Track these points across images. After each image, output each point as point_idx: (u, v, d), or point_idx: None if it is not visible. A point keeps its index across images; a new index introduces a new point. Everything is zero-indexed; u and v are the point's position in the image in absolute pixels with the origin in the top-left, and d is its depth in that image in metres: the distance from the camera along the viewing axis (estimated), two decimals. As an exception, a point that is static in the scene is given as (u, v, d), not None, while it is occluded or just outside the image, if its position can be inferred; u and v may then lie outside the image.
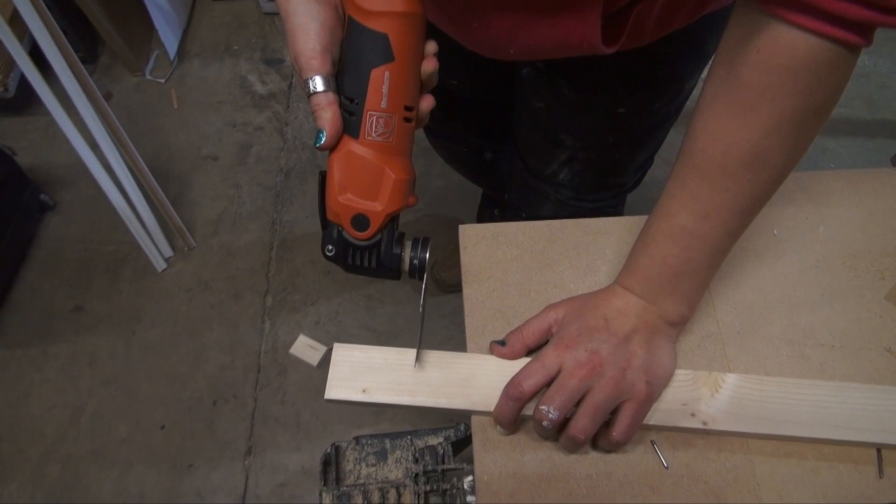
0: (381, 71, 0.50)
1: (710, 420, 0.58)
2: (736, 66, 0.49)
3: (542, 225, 0.73)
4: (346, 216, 0.54)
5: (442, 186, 1.90)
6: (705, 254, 0.57)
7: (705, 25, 0.68)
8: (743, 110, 0.50)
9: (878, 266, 0.68)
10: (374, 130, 0.51)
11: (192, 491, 1.50)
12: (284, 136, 2.06)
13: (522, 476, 0.58)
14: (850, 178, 0.74)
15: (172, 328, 1.72)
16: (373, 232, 0.54)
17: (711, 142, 0.52)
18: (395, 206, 0.54)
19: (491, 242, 0.72)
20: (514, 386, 0.57)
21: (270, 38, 2.29)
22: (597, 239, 0.71)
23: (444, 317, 1.67)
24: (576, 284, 0.68)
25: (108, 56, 2.23)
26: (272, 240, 1.86)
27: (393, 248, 0.56)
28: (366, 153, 0.52)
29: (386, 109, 0.51)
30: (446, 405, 0.60)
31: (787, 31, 0.45)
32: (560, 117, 0.83)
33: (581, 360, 0.56)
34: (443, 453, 0.67)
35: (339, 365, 0.62)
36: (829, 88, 0.47)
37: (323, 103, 0.50)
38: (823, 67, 0.46)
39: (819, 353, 0.63)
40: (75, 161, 1.52)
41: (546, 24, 0.59)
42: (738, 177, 0.52)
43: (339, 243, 0.56)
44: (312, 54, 0.49)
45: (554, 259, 0.70)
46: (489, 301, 0.68)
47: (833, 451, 0.58)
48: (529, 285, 0.69)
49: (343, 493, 0.64)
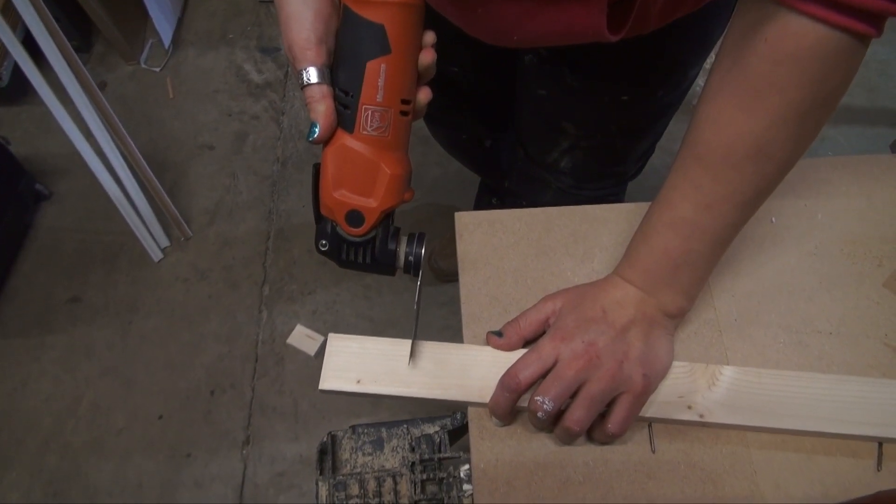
0: (378, 63, 0.48)
1: (706, 413, 0.58)
2: (743, 56, 0.48)
3: (538, 212, 0.72)
4: (340, 212, 0.53)
5: (439, 175, 1.89)
6: (706, 245, 0.56)
7: (710, 12, 0.67)
8: (749, 100, 0.49)
9: (876, 253, 0.67)
10: (370, 124, 0.50)
11: (190, 480, 1.50)
12: (281, 126, 2.05)
13: (519, 463, 0.58)
14: (848, 164, 0.74)
15: (169, 318, 1.72)
16: (367, 228, 0.53)
17: (716, 132, 0.52)
18: (391, 203, 0.53)
19: (487, 230, 0.71)
20: (511, 377, 0.56)
21: (266, 26, 2.28)
22: (594, 226, 0.71)
23: (443, 305, 1.67)
24: (573, 272, 0.68)
25: (102, 45, 2.21)
26: (269, 229, 1.85)
27: (388, 245, 0.55)
28: (361, 148, 0.51)
29: (382, 103, 0.49)
30: (441, 396, 0.60)
31: (796, 20, 0.44)
32: (562, 105, 0.83)
33: (578, 352, 0.55)
34: (439, 442, 0.67)
35: (334, 355, 0.62)
36: (836, 79, 0.47)
37: (317, 96, 0.49)
38: (832, 58, 0.45)
39: (817, 340, 0.63)
40: (70, 151, 1.52)
41: (551, 12, 0.58)
42: (742, 168, 0.51)
43: (333, 238, 0.55)
44: (307, 45, 0.48)
45: (551, 246, 0.70)
46: (485, 288, 0.68)
47: (832, 441, 0.58)
48: (526, 273, 0.68)
49: (339, 482, 0.64)
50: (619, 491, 0.57)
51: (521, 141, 0.96)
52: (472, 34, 0.68)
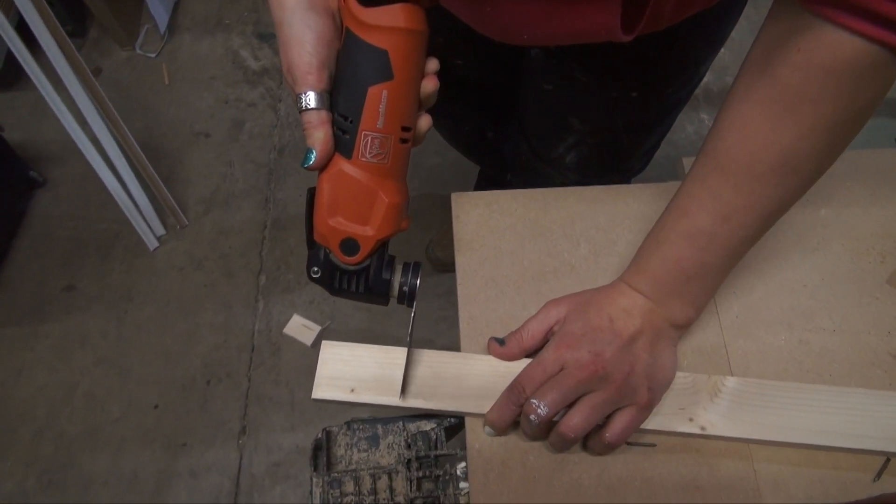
0: (379, 89, 0.47)
1: (708, 425, 0.57)
2: (773, 65, 0.47)
3: (535, 193, 0.72)
4: (334, 239, 0.51)
5: (437, 164, 1.88)
6: (720, 257, 0.55)
7: (722, 8, 0.66)
8: (778, 110, 0.47)
9: (879, 249, 0.67)
10: (369, 151, 0.48)
11: (185, 470, 1.50)
12: (278, 113, 2.03)
13: (514, 443, 0.58)
14: (852, 159, 0.73)
15: (165, 307, 1.71)
16: (362, 257, 0.52)
17: (739, 141, 0.50)
18: (387, 232, 0.51)
19: (484, 211, 0.71)
20: (517, 390, 0.56)
21: (263, 11, 2.25)
22: (591, 207, 0.71)
23: (440, 297, 1.66)
24: (569, 253, 0.68)
25: (96, 30, 2.19)
26: (265, 218, 1.84)
27: (382, 274, 0.53)
28: (358, 175, 0.49)
29: (382, 130, 0.48)
30: (437, 407, 0.59)
31: (832, 32, 0.42)
32: (569, 100, 0.81)
33: (583, 362, 0.54)
34: (435, 439, 0.66)
35: (327, 363, 0.61)
36: (869, 94, 0.45)
37: (315, 121, 0.47)
38: (867, 72, 0.43)
39: (819, 337, 0.62)
40: (65, 137, 1.50)
41: (564, 12, 0.56)
42: (765, 180, 0.50)
43: (326, 266, 0.53)
44: (308, 69, 0.46)
45: (547, 227, 0.70)
46: (482, 269, 0.67)
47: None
48: (523, 253, 0.68)
49: (334, 479, 0.63)
50: (614, 471, 0.57)
51: (525, 135, 0.94)
52: (481, 31, 0.66)
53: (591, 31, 0.57)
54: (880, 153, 0.73)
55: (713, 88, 1.99)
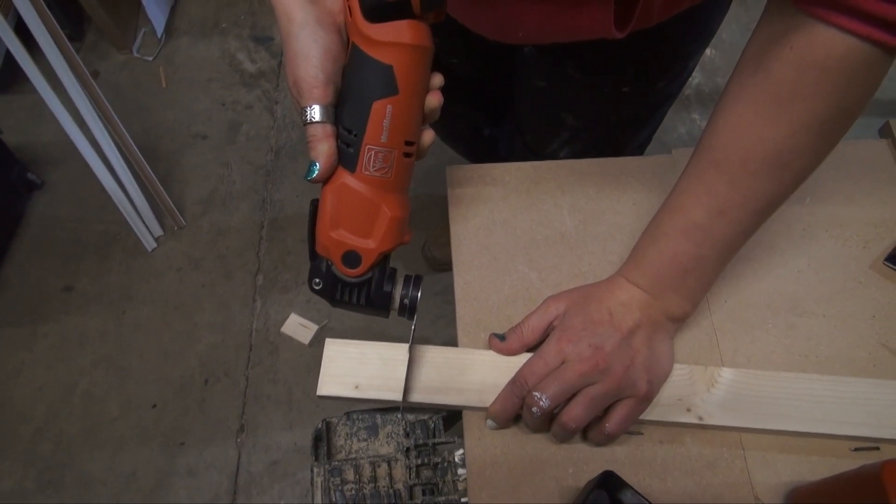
0: (384, 104, 0.47)
1: (705, 415, 0.58)
2: (767, 62, 0.48)
3: (527, 166, 0.75)
4: (336, 252, 0.51)
5: (433, 164, 1.88)
6: (716, 252, 0.56)
7: (711, 3, 0.67)
8: (772, 107, 0.49)
9: (862, 236, 0.68)
10: (372, 165, 0.49)
11: (184, 469, 1.51)
12: (274, 115, 2.04)
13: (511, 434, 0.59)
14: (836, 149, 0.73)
15: (163, 307, 1.72)
16: (364, 270, 0.52)
17: (735, 137, 0.51)
18: (390, 245, 0.52)
19: (478, 182, 0.74)
20: (520, 384, 0.57)
21: (259, 14, 2.27)
22: (581, 179, 0.73)
23: (437, 294, 1.67)
24: (560, 222, 0.71)
25: (94, 33, 2.20)
26: (263, 219, 1.85)
27: (384, 287, 0.53)
28: (362, 188, 0.49)
29: (386, 144, 0.48)
30: (440, 401, 0.60)
31: (824, 31, 0.44)
32: (563, 97, 0.82)
33: (584, 356, 0.55)
34: (434, 427, 0.67)
35: (332, 360, 0.62)
36: (860, 90, 0.47)
37: (319, 135, 0.48)
38: (859, 69, 0.45)
39: (805, 321, 0.64)
40: (63, 139, 1.51)
41: (559, 12, 0.58)
42: (760, 175, 0.51)
43: (328, 278, 0.53)
44: (314, 83, 0.47)
45: (539, 198, 0.72)
46: (476, 238, 0.70)
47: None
48: (515, 223, 0.71)
49: (334, 467, 0.64)
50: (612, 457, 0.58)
51: (520, 131, 0.96)
52: (476, 31, 0.67)
53: (585, 30, 0.58)
54: (863, 144, 0.75)
55: (705, 89, 2.01)
